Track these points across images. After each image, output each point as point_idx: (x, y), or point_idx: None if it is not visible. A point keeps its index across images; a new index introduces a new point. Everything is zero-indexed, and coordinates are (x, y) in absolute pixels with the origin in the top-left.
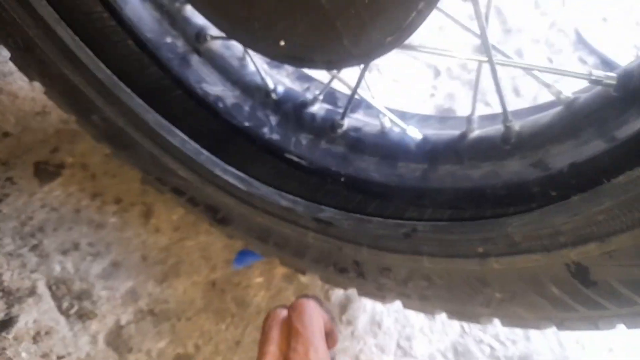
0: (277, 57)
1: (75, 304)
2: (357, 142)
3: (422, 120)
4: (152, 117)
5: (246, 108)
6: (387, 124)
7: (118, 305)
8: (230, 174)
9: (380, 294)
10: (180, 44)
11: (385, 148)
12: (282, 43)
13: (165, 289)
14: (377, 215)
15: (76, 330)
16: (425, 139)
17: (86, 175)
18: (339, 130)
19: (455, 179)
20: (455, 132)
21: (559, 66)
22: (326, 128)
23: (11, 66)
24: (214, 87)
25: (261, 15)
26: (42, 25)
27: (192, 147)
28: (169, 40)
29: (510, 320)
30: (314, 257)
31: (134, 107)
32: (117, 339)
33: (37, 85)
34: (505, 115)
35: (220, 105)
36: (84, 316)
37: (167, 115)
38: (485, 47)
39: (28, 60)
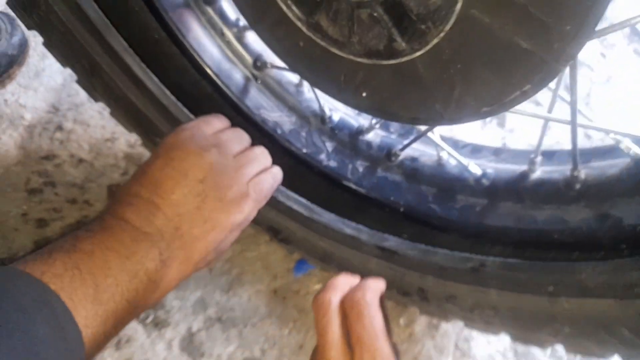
0: (359, 107)
1: (151, 313)
2: (414, 172)
3: (476, 150)
4: None
5: (303, 134)
6: (445, 156)
7: (189, 314)
8: (292, 200)
9: (443, 315)
10: (239, 70)
11: (442, 180)
12: (364, 94)
13: (231, 297)
14: (443, 247)
15: (153, 337)
16: (484, 174)
17: None
18: (395, 159)
19: (517, 218)
20: (516, 170)
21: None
22: (382, 156)
23: (82, 96)
24: (272, 113)
25: (348, 71)
26: (108, 51)
27: None
28: (227, 66)
29: (575, 350)
30: None
31: None
32: (190, 345)
33: (106, 113)
34: (574, 164)
35: (279, 131)
36: (159, 324)
37: None
38: (572, 111)
39: (94, 83)
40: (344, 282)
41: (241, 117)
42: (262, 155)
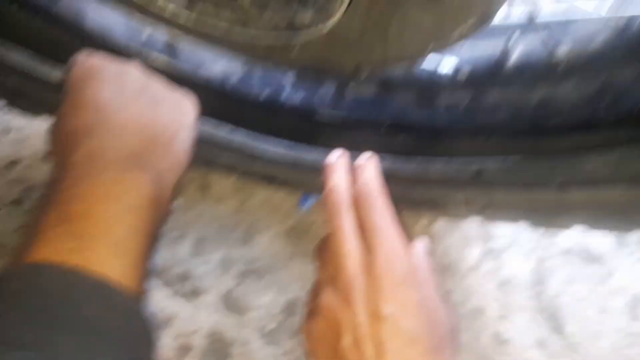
0: (291, 65)
1: (185, 284)
2: (386, 83)
3: None
4: None
5: (257, 75)
6: None
7: (219, 275)
8: (274, 145)
9: (459, 216)
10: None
11: (417, 84)
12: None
13: (252, 247)
14: (437, 156)
15: (196, 306)
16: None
17: None
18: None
19: (508, 107)
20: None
21: None
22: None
23: None
24: (215, 65)
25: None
26: None
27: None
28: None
29: (598, 228)
30: None
31: None
32: (231, 303)
33: None
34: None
35: (229, 84)
36: (195, 292)
37: None
38: None
39: None
40: (345, 174)
41: (185, 84)
42: None
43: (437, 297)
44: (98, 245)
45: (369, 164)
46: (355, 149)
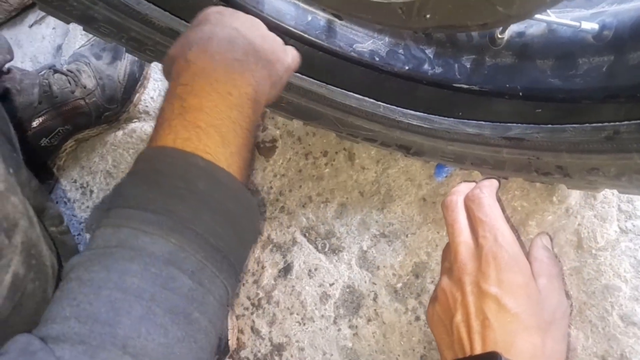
0: (427, 29)
1: (326, 243)
2: (524, 49)
3: None
4: (326, 89)
5: (400, 51)
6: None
7: (356, 236)
8: (410, 116)
9: (591, 187)
10: (320, 17)
11: (557, 48)
12: (428, 16)
13: (387, 213)
14: (571, 122)
15: (334, 262)
16: (604, 26)
17: (294, 140)
18: (501, 41)
19: None
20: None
21: None
22: (486, 43)
23: None
24: (365, 43)
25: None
26: None
27: (368, 103)
28: (309, 18)
29: None
30: (513, 168)
31: (309, 87)
32: (365, 262)
33: None
34: None
35: (377, 58)
36: (335, 250)
37: (338, 84)
38: None
39: None
40: (465, 186)
41: (340, 59)
42: None
43: (549, 285)
44: (207, 135)
45: (485, 181)
46: (488, 119)
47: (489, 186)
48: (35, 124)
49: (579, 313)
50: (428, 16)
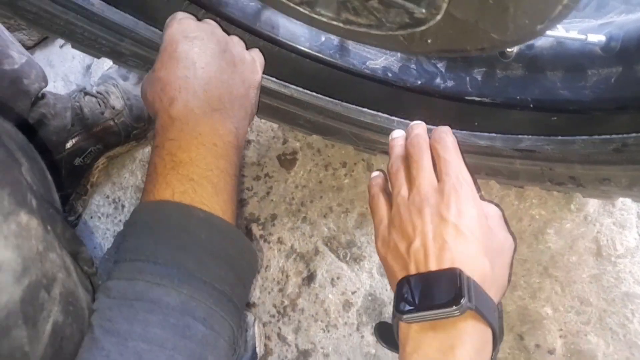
0: (428, 52)
1: (347, 252)
2: (534, 61)
3: (601, 5)
4: (341, 107)
5: (412, 66)
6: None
7: None
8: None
9: (606, 196)
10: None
11: (566, 59)
12: (429, 41)
13: None
14: (580, 134)
15: (356, 271)
16: (611, 37)
17: (314, 152)
18: (511, 54)
19: None
20: None
21: None
22: (496, 56)
23: None
24: (378, 60)
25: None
26: None
27: (383, 117)
28: (322, 39)
29: None
30: (527, 178)
31: (326, 105)
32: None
33: None
34: None
35: (390, 74)
36: (357, 259)
37: (353, 101)
38: None
39: None
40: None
41: (354, 76)
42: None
43: (497, 222)
44: (201, 187)
45: (442, 127)
46: (500, 131)
47: (447, 130)
48: (69, 145)
49: (599, 320)
50: (429, 41)
